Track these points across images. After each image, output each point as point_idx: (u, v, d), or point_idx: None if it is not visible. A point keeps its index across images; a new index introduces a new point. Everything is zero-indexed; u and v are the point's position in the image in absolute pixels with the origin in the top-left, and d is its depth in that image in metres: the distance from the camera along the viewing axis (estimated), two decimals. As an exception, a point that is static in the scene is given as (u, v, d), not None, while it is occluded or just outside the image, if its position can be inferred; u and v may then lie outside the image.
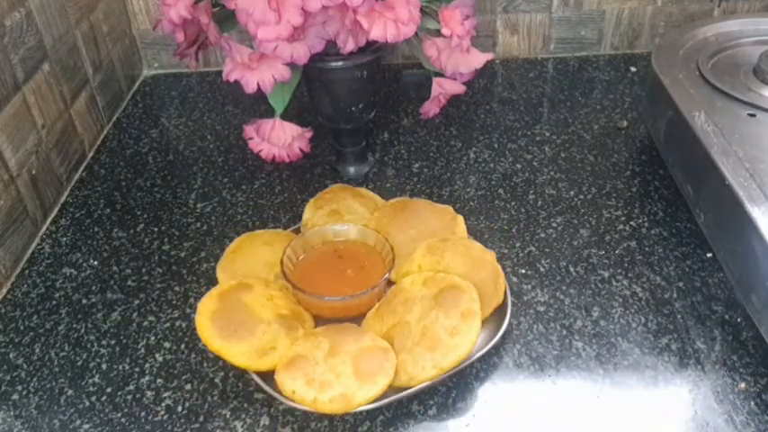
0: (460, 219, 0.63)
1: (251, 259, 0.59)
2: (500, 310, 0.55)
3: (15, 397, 0.53)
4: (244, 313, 0.52)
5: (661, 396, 0.51)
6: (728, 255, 0.58)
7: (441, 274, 0.55)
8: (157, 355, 0.55)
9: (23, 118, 0.67)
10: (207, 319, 0.51)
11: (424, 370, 0.50)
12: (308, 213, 0.65)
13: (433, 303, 0.52)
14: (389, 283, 0.57)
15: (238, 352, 0.50)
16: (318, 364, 0.49)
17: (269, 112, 0.67)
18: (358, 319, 0.55)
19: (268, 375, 0.51)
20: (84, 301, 0.61)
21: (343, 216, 0.63)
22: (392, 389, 0.50)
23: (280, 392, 0.49)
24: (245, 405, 0.51)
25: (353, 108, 0.71)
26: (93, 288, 0.62)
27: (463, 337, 0.50)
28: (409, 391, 0.50)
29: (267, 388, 0.50)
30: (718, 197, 0.58)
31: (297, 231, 0.64)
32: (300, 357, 0.50)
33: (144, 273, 0.63)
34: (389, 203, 0.65)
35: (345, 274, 0.58)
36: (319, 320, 0.55)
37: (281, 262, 0.56)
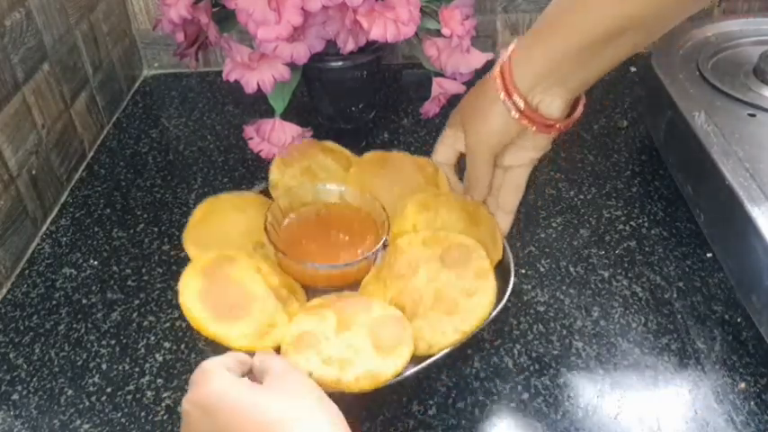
0: (442, 172, 0.61)
1: (223, 228, 0.55)
2: (501, 270, 0.54)
3: (15, 397, 0.53)
4: (235, 290, 0.48)
5: (661, 396, 0.51)
6: (728, 255, 0.58)
7: (442, 233, 0.52)
8: (157, 355, 0.55)
9: (23, 118, 0.67)
10: (194, 300, 0.46)
11: (444, 335, 0.47)
12: (275, 173, 0.61)
13: (440, 264, 0.50)
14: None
15: (239, 334, 0.46)
16: (330, 339, 0.46)
17: (269, 112, 0.67)
18: (352, 288, 0.52)
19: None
20: (84, 301, 0.61)
21: (317, 174, 0.59)
22: (412, 360, 0.47)
23: None
24: (245, 405, 0.51)
25: (353, 108, 0.71)
26: (93, 288, 0.62)
27: (481, 298, 0.48)
28: (433, 359, 0.48)
29: None
30: (718, 197, 0.58)
31: (265, 193, 0.60)
32: (308, 334, 0.46)
33: (144, 273, 0.63)
34: (366, 158, 0.62)
35: (337, 239, 0.54)
36: (309, 291, 0.52)
37: (266, 230, 0.51)
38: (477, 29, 0.66)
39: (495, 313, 0.50)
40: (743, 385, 0.51)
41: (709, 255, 0.62)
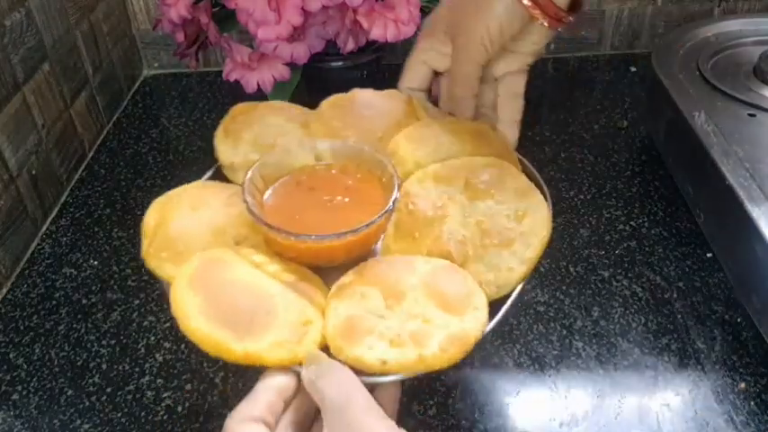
0: (416, 101, 0.53)
1: (189, 230, 0.43)
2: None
3: (15, 397, 0.53)
4: (243, 294, 0.38)
5: (661, 396, 0.51)
6: (728, 255, 0.58)
7: (453, 161, 0.45)
8: (157, 355, 0.55)
9: (23, 118, 0.67)
10: (203, 322, 0.37)
11: (511, 271, 0.41)
12: (225, 150, 0.50)
13: (471, 194, 0.42)
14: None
15: (271, 344, 0.37)
16: (385, 317, 0.38)
17: (269, 112, 0.67)
18: (369, 256, 0.43)
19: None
20: (84, 301, 0.61)
21: (274, 140, 0.49)
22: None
23: (358, 372, 0.36)
24: (245, 405, 0.51)
25: (353, 108, 0.71)
26: (93, 288, 0.62)
27: (535, 215, 0.42)
28: (510, 300, 0.41)
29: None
30: (718, 197, 0.58)
31: (218, 178, 0.50)
32: (357, 319, 0.37)
33: (144, 273, 0.63)
34: (326, 105, 0.52)
35: (334, 203, 0.44)
36: (321, 273, 0.43)
37: (252, 212, 0.41)
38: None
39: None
40: (743, 385, 0.51)
41: (709, 255, 0.62)
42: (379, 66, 0.77)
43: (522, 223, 0.41)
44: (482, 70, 0.50)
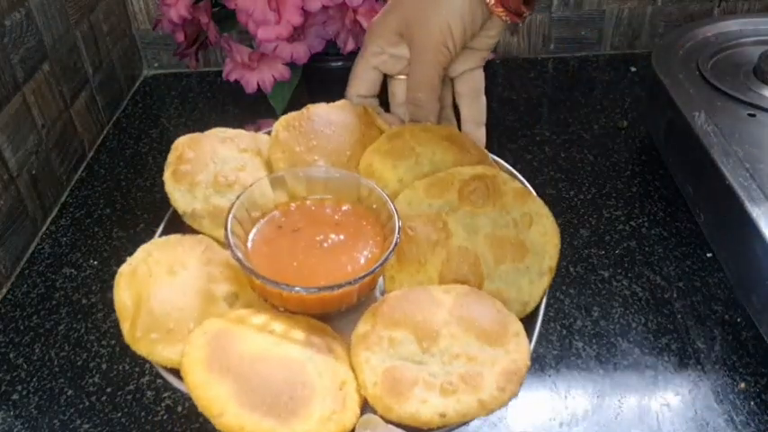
0: (371, 108, 0.50)
1: (175, 302, 0.38)
2: None
3: (15, 397, 0.53)
4: (272, 370, 0.34)
5: (661, 396, 0.51)
6: (728, 255, 0.58)
7: (438, 175, 0.41)
8: (157, 355, 0.55)
9: (23, 118, 0.67)
10: (241, 412, 0.33)
11: (532, 283, 0.38)
12: (180, 197, 0.45)
13: (469, 209, 0.40)
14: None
15: (321, 420, 0.33)
16: (424, 362, 0.35)
17: (269, 112, 0.67)
18: (372, 293, 0.40)
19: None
20: (84, 301, 0.61)
21: (233, 177, 0.44)
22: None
23: (416, 429, 0.34)
24: (245, 405, 0.51)
25: (353, 108, 0.71)
26: (93, 288, 0.62)
27: (542, 220, 0.40)
28: (540, 315, 0.39)
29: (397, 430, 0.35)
30: (718, 197, 0.58)
31: (178, 230, 0.45)
32: (395, 371, 0.34)
33: (144, 273, 0.63)
34: (281, 127, 0.47)
35: (328, 243, 0.39)
36: (326, 321, 0.40)
37: (245, 268, 0.37)
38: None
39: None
40: (743, 385, 0.51)
41: (709, 255, 0.62)
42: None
43: (531, 230, 0.39)
44: (447, 66, 0.47)
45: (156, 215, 0.70)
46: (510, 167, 0.48)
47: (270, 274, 0.37)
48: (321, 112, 0.47)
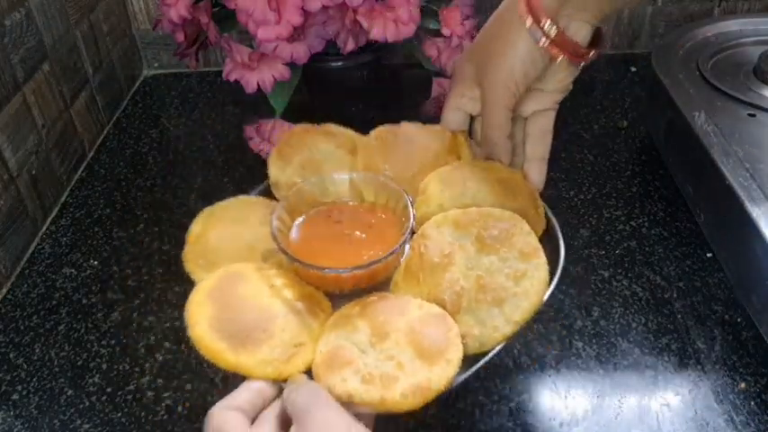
0: (462, 138, 0.54)
1: (225, 243, 0.48)
2: (548, 241, 0.49)
3: (15, 397, 0.53)
4: (250, 311, 0.42)
5: (661, 396, 0.51)
6: (728, 255, 0.58)
7: (474, 210, 0.45)
8: (157, 355, 0.55)
9: (23, 118, 0.67)
10: (207, 330, 0.40)
11: (495, 329, 0.42)
12: (274, 169, 0.53)
13: (479, 247, 0.43)
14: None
15: (261, 361, 0.40)
16: (366, 352, 0.40)
17: (269, 112, 0.67)
18: (381, 287, 0.46)
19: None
20: (84, 301, 0.61)
21: (320, 165, 0.52)
22: (463, 363, 0.41)
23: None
24: (245, 405, 0.51)
25: (353, 108, 0.71)
26: (93, 288, 0.62)
27: (532, 279, 0.42)
28: (486, 358, 0.42)
29: None
30: (718, 197, 0.58)
31: (266, 194, 0.53)
32: (341, 349, 0.40)
33: (144, 273, 0.63)
34: (374, 136, 0.54)
35: (353, 238, 0.47)
36: (334, 298, 0.46)
37: (274, 237, 0.45)
38: (477, 29, 0.66)
39: (548, 294, 0.44)
40: (743, 385, 0.51)
41: (709, 255, 0.62)
42: (379, 66, 0.77)
43: (519, 284, 0.42)
44: (513, 106, 0.51)
45: (156, 215, 0.70)
46: (557, 226, 0.51)
47: (298, 248, 0.46)
48: (410, 130, 0.54)
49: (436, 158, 0.51)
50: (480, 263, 0.43)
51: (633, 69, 0.91)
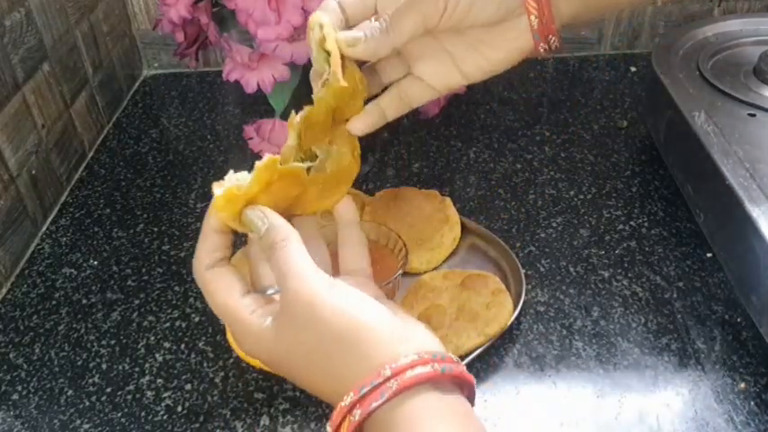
0: (448, 201, 0.65)
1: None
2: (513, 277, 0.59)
3: (15, 397, 0.53)
4: None
5: (661, 396, 0.51)
6: (728, 255, 0.58)
7: (457, 270, 0.59)
8: (157, 355, 0.55)
9: (23, 118, 0.67)
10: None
11: (470, 338, 0.52)
12: None
13: (462, 288, 0.56)
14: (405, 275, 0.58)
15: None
16: None
17: (269, 112, 0.67)
18: None
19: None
20: (84, 301, 0.61)
21: (332, 214, 0.60)
22: None
23: None
24: (245, 405, 0.51)
25: (353, 108, 0.71)
26: (93, 288, 0.62)
27: (500, 309, 0.54)
28: (464, 361, 0.50)
29: None
30: (718, 197, 0.58)
31: None
32: None
33: (144, 273, 0.63)
34: (379, 195, 0.67)
35: None
36: None
37: None
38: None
39: (513, 318, 0.54)
40: (743, 385, 0.51)
41: (709, 255, 0.62)
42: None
43: (490, 311, 0.54)
44: (420, 31, 0.40)
45: (156, 215, 0.70)
46: (519, 265, 0.59)
47: None
48: (407, 193, 0.66)
49: (427, 216, 0.64)
50: (461, 297, 0.55)
51: (633, 69, 0.91)
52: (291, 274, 0.37)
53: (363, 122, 0.46)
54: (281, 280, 0.37)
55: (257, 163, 0.39)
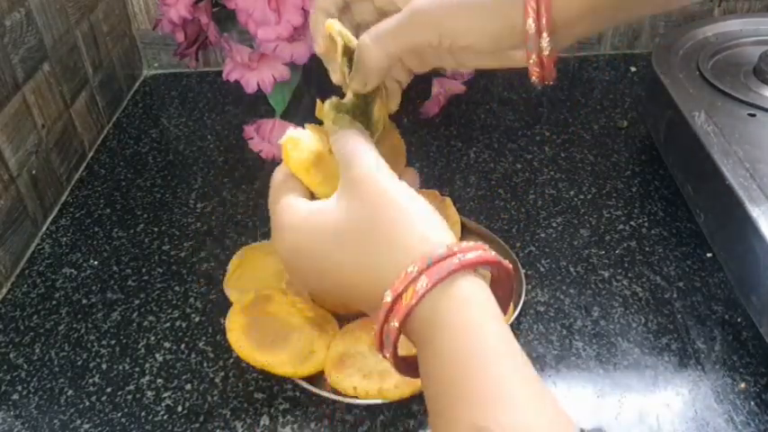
0: (449, 201, 0.63)
1: (258, 272, 0.59)
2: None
3: (15, 397, 0.53)
4: (274, 324, 0.52)
5: (661, 396, 0.51)
6: (728, 255, 0.58)
7: None
8: (157, 355, 0.55)
9: (23, 118, 0.67)
10: (241, 335, 0.51)
11: None
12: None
13: None
14: None
15: (281, 361, 0.50)
16: (367, 357, 0.50)
17: (269, 112, 0.67)
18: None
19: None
20: (84, 301, 0.61)
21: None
22: None
23: (336, 393, 0.50)
24: (245, 405, 0.51)
25: (353, 108, 0.71)
26: (93, 288, 0.62)
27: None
28: None
29: (319, 391, 0.51)
30: (718, 197, 0.58)
31: None
32: (347, 355, 0.51)
33: (144, 273, 0.63)
34: None
35: None
36: (341, 317, 0.56)
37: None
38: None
39: (513, 318, 0.55)
40: (743, 385, 0.51)
41: (709, 255, 0.62)
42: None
43: None
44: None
45: (156, 215, 0.70)
46: (518, 265, 0.60)
47: None
48: None
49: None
50: None
51: (633, 69, 0.91)
52: (359, 153, 0.39)
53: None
54: (347, 159, 0.39)
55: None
